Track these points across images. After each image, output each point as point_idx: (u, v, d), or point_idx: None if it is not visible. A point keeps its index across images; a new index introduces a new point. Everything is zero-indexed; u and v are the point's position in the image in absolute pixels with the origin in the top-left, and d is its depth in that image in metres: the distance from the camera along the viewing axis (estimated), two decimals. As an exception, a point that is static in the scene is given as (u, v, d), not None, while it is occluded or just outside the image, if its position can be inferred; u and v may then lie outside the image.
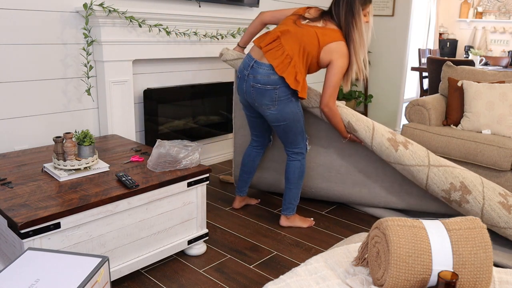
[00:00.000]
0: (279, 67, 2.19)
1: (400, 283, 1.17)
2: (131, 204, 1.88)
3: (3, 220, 1.66)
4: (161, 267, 2.15)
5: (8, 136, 2.44)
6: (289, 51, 2.20)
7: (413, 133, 3.27)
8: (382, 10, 4.64)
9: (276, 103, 2.25)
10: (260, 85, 2.24)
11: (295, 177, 2.51)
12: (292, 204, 2.58)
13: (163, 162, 2.09)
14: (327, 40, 2.21)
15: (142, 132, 3.08)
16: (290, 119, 2.32)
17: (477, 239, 1.20)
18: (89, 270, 1.26)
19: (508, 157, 2.85)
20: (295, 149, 2.48)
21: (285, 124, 2.34)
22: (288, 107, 2.28)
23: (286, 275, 1.31)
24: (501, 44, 7.62)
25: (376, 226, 1.28)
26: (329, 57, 2.23)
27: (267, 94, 2.24)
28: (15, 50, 2.37)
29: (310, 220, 2.65)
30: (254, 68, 2.24)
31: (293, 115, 2.32)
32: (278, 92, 2.22)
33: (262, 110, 2.32)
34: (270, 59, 2.20)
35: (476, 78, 3.38)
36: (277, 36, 2.23)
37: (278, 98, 2.24)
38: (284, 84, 2.21)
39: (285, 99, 2.25)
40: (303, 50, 2.21)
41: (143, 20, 2.70)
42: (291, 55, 2.20)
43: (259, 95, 2.26)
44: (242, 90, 2.35)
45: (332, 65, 2.24)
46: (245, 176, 2.75)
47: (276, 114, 2.29)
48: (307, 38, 2.21)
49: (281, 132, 2.40)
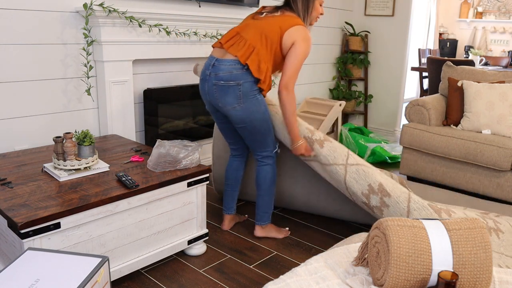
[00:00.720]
0: (243, 56, 2.11)
1: (400, 283, 1.17)
2: (131, 204, 1.88)
3: (3, 220, 1.66)
4: (161, 267, 2.15)
5: (8, 136, 2.44)
6: (251, 41, 2.14)
7: (413, 133, 3.27)
8: (382, 10, 4.64)
9: (241, 101, 2.14)
10: (223, 82, 2.13)
11: (267, 183, 2.38)
12: (266, 213, 2.45)
13: (163, 162, 2.09)
14: (287, 24, 2.16)
15: (142, 132, 3.08)
16: (256, 118, 2.20)
17: (477, 239, 1.20)
18: (89, 270, 1.26)
19: (508, 157, 2.85)
20: (264, 152, 2.35)
21: (252, 125, 2.22)
22: (254, 105, 2.17)
23: (286, 275, 1.31)
24: (501, 44, 7.62)
25: (376, 226, 1.28)
26: (292, 39, 2.14)
27: (231, 91, 2.13)
28: (15, 50, 2.37)
29: (286, 230, 2.54)
30: (216, 66, 2.15)
31: (259, 114, 2.20)
32: (242, 88, 2.12)
33: (226, 110, 2.18)
34: (233, 52, 2.13)
35: (476, 78, 3.38)
36: (237, 32, 2.19)
37: (242, 95, 2.13)
38: (248, 80, 2.12)
39: (251, 96, 2.15)
40: (265, 38, 2.14)
41: (143, 20, 2.70)
42: (254, 44, 2.13)
43: (222, 93, 2.15)
44: (205, 91, 2.23)
45: (295, 47, 2.15)
46: (230, 191, 2.55)
47: (241, 114, 2.17)
48: (268, 26, 2.16)
49: (248, 134, 2.27)
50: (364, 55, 4.77)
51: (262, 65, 2.13)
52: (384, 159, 3.85)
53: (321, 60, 4.64)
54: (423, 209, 2.04)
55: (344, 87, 4.88)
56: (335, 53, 4.83)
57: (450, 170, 3.16)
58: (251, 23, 2.21)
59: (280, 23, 2.16)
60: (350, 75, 4.80)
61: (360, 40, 4.71)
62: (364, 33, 4.79)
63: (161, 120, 3.08)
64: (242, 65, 2.12)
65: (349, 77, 4.83)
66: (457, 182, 3.14)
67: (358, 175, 2.16)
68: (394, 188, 2.11)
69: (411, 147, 3.31)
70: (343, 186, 2.23)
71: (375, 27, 4.73)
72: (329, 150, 2.24)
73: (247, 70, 2.11)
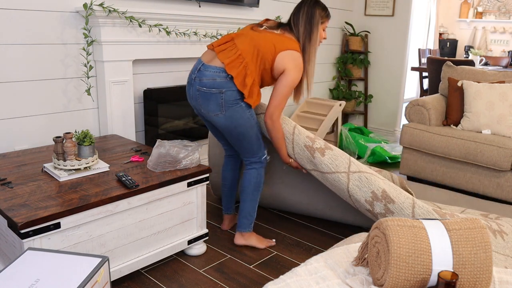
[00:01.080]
0: (230, 65, 2.06)
1: (400, 283, 1.17)
2: (131, 204, 1.88)
3: (3, 220, 1.66)
4: (161, 267, 2.15)
5: (8, 136, 2.44)
6: (242, 51, 2.08)
7: (413, 133, 3.27)
8: (382, 10, 4.64)
9: (223, 109, 2.09)
10: (205, 89, 2.09)
11: (250, 188, 2.31)
12: (247, 219, 2.35)
13: (163, 162, 2.09)
14: (283, 46, 2.10)
15: (142, 132, 3.08)
16: (240, 125, 2.14)
17: (477, 239, 1.20)
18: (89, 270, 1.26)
19: (508, 157, 2.85)
20: (251, 158, 2.29)
21: (237, 132, 2.16)
22: (237, 113, 2.11)
23: (286, 275, 1.31)
24: (501, 44, 7.62)
25: (376, 226, 1.28)
26: (284, 65, 2.10)
27: (213, 99, 2.08)
28: (15, 50, 2.37)
29: (270, 241, 2.42)
30: (201, 71, 2.10)
31: (243, 121, 2.14)
32: (224, 96, 2.07)
33: (210, 117, 2.15)
34: (222, 58, 2.07)
35: (476, 78, 3.38)
36: (232, 38, 2.13)
37: (224, 104, 2.08)
38: (231, 88, 2.07)
39: (233, 104, 2.10)
40: (257, 53, 2.09)
41: (143, 20, 2.70)
42: (244, 56, 2.07)
43: (205, 100, 2.11)
44: (190, 95, 2.19)
45: (285, 74, 2.11)
46: (228, 191, 2.51)
47: (224, 122, 2.13)
48: (263, 41, 2.10)
49: (234, 140, 2.22)
50: (364, 55, 4.77)
51: (248, 79, 2.08)
52: (384, 159, 3.85)
53: (321, 60, 4.64)
54: (428, 214, 2.02)
55: (344, 87, 4.88)
56: (335, 53, 4.83)
57: (450, 170, 3.16)
58: (248, 33, 2.15)
59: (276, 42, 2.11)
60: (350, 75, 4.80)
61: (360, 40, 4.71)
62: (364, 33, 4.79)
63: (161, 120, 3.08)
64: (227, 74, 2.06)
65: (349, 77, 4.83)
66: (457, 182, 3.14)
67: (361, 183, 2.13)
68: (398, 194, 2.09)
69: (411, 147, 3.31)
70: (346, 194, 2.19)
71: (375, 27, 4.73)
72: (331, 158, 2.20)
73: (231, 79, 2.07)
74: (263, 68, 2.13)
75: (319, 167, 2.22)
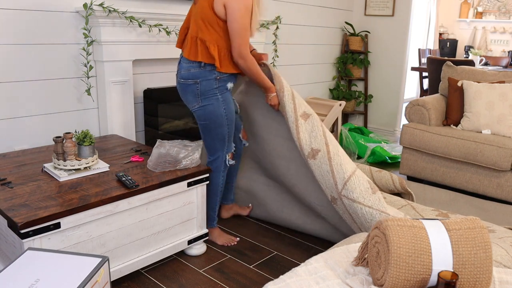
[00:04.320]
0: (190, 54, 2.07)
1: (400, 283, 1.17)
2: (131, 204, 1.88)
3: (3, 220, 1.66)
4: (161, 267, 2.15)
5: (8, 136, 2.44)
6: (192, 32, 2.09)
7: (413, 133, 3.27)
8: (382, 10, 4.64)
9: (199, 100, 2.11)
10: (182, 80, 2.12)
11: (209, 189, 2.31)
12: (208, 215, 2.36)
13: (163, 162, 2.09)
14: None
15: (142, 132, 3.08)
16: (212, 118, 2.15)
17: (477, 239, 1.20)
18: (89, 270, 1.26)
19: (508, 157, 2.85)
20: (211, 156, 2.28)
21: (205, 124, 2.18)
22: (212, 106, 2.12)
23: (286, 275, 1.31)
24: (501, 44, 7.62)
25: (376, 226, 1.28)
26: (221, 3, 1.99)
27: (189, 90, 2.12)
28: (15, 50, 2.37)
29: (232, 239, 2.41)
30: (180, 64, 2.15)
31: (216, 116, 2.14)
32: (199, 86, 2.09)
33: (191, 108, 2.18)
34: (184, 54, 2.12)
35: (476, 78, 3.38)
36: (184, 28, 2.18)
37: (200, 94, 2.10)
38: (206, 77, 2.08)
39: (210, 95, 2.10)
40: (202, 22, 2.05)
41: (143, 20, 2.70)
42: (195, 35, 2.07)
43: (183, 91, 2.15)
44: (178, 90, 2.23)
45: (228, 10, 1.99)
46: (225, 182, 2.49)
47: (200, 112, 2.15)
48: (200, 8, 2.06)
49: (200, 132, 2.24)
50: (364, 55, 4.77)
51: (212, 49, 2.04)
52: (384, 159, 3.85)
53: (321, 60, 4.64)
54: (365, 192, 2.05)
55: (344, 87, 4.88)
56: (335, 53, 4.83)
57: (450, 170, 3.16)
58: (191, 12, 2.15)
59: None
60: (350, 75, 4.80)
61: (360, 40, 4.71)
62: (364, 33, 4.79)
63: (161, 120, 3.08)
64: (199, 63, 2.07)
65: (349, 77, 4.83)
66: (457, 182, 3.14)
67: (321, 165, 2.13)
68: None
69: (411, 147, 3.31)
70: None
71: (375, 27, 4.73)
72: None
73: (204, 67, 2.07)
74: (218, 27, 2.05)
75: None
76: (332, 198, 2.13)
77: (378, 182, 2.80)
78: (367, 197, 2.03)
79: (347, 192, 2.05)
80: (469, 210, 2.81)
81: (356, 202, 2.03)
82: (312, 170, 2.16)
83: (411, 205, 2.46)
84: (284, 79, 2.30)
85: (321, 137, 2.16)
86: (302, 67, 4.41)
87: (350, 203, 2.05)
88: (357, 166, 2.27)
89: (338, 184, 2.07)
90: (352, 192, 2.04)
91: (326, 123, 4.04)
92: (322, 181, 2.14)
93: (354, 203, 2.04)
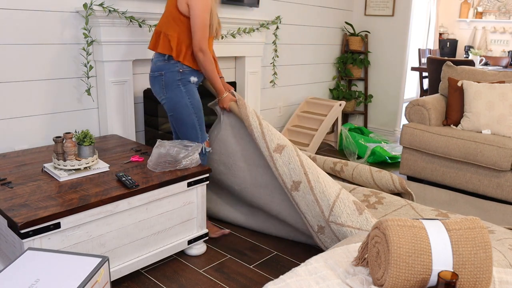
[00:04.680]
0: (155, 47, 2.26)
1: (400, 283, 1.17)
2: (131, 204, 1.88)
3: (3, 220, 1.66)
4: (161, 267, 2.15)
5: (8, 136, 2.44)
6: (157, 27, 2.27)
7: (413, 133, 3.27)
8: (382, 10, 4.64)
9: (164, 91, 2.26)
10: (151, 73, 2.29)
11: None
12: None
13: (163, 162, 2.09)
14: None
15: (142, 132, 3.08)
16: (177, 109, 2.27)
17: (477, 239, 1.20)
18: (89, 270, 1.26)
19: (508, 157, 2.85)
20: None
21: (174, 116, 2.30)
22: (176, 96, 2.25)
23: (286, 275, 1.31)
24: (501, 44, 7.62)
25: (376, 226, 1.28)
26: (185, 1, 2.16)
27: (156, 82, 2.27)
28: (15, 50, 2.37)
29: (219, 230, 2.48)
30: (152, 59, 2.33)
31: (181, 106, 2.27)
32: (164, 78, 2.24)
33: (160, 100, 2.33)
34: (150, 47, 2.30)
35: (476, 78, 3.38)
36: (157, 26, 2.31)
37: (165, 85, 2.25)
38: (169, 70, 2.22)
39: (174, 86, 2.24)
40: (167, 17, 2.22)
41: (143, 20, 2.70)
42: (160, 30, 2.25)
43: (152, 83, 2.30)
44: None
45: (190, 8, 2.15)
46: None
47: (166, 103, 2.28)
48: (168, 6, 2.24)
49: (173, 123, 2.35)
50: (364, 55, 4.77)
51: (172, 42, 2.20)
52: (384, 159, 3.85)
53: (321, 60, 4.64)
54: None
55: (344, 87, 4.88)
56: (335, 53, 4.83)
57: (450, 170, 3.16)
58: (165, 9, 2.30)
59: None
60: (350, 75, 4.80)
61: (360, 40, 4.71)
62: (364, 33, 4.79)
63: (161, 120, 3.07)
64: (163, 56, 2.23)
65: (349, 77, 4.83)
66: (457, 182, 3.14)
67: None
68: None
69: (411, 147, 3.31)
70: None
71: (375, 27, 4.73)
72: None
73: (168, 60, 2.22)
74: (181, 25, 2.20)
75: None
76: (319, 228, 2.12)
77: (378, 182, 2.80)
78: (355, 219, 2.03)
79: (334, 217, 2.05)
80: (469, 210, 2.81)
81: (345, 226, 2.03)
82: (297, 202, 2.15)
83: (410, 205, 2.46)
84: (252, 114, 2.30)
85: (299, 168, 2.15)
86: (302, 67, 4.41)
87: (339, 228, 2.04)
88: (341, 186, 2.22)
89: (324, 211, 2.07)
90: (339, 216, 2.04)
91: (326, 123, 4.04)
92: (308, 212, 2.13)
93: (343, 227, 2.03)
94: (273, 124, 4.26)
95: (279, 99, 4.24)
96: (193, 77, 2.29)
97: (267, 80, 4.02)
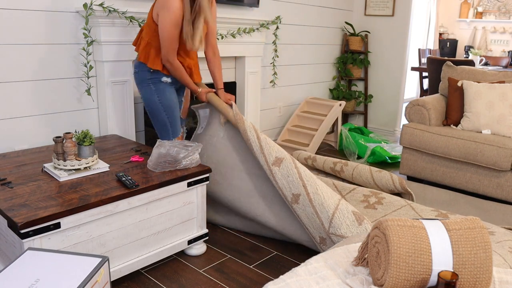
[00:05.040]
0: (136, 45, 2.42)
1: (400, 283, 1.17)
2: (131, 204, 1.88)
3: (3, 220, 1.66)
4: (161, 267, 2.15)
5: (8, 136, 2.44)
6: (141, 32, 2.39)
7: (413, 133, 3.27)
8: (382, 10, 4.64)
9: (138, 87, 2.42)
10: (133, 71, 2.47)
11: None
12: None
13: (163, 162, 2.09)
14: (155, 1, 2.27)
15: (142, 132, 3.08)
16: (148, 106, 2.42)
17: (477, 239, 1.20)
18: (89, 270, 1.26)
19: (508, 157, 2.85)
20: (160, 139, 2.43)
21: (148, 110, 2.45)
22: (147, 94, 2.39)
23: (286, 275, 1.31)
24: (501, 44, 7.62)
25: (376, 226, 1.28)
26: (156, 12, 2.24)
27: (134, 79, 2.44)
28: (15, 50, 2.37)
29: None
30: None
31: (151, 103, 2.40)
32: (137, 76, 2.40)
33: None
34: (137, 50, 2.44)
35: (476, 78, 3.38)
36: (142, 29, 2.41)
37: (138, 83, 2.41)
38: (141, 69, 2.36)
39: (145, 84, 2.38)
40: (147, 25, 2.32)
41: (143, 20, 2.70)
42: (141, 29, 2.38)
43: (134, 80, 2.45)
44: None
45: (159, 21, 2.23)
46: None
47: (143, 99, 2.43)
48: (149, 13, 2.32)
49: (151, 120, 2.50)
50: (364, 55, 4.77)
51: (141, 44, 2.35)
52: (384, 159, 3.85)
53: (321, 60, 4.64)
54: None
55: (344, 87, 4.88)
56: (335, 53, 4.83)
57: (450, 170, 3.16)
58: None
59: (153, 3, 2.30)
60: (350, 75, 4.80)
61: (360, 40, 4.71)
62: (364, 33, 4.79)
63: (161, 120, 3.07)
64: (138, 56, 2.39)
65: (349, 77, 4.83)
66: (457, 182, 3.14)
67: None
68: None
69: (411, 147, 3.31)
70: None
71: (375, 27, 4.73)
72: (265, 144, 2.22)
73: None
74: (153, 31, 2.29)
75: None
76: (321, 239, 2.12)
77: (378, 182, 2.80)
78: (354, 230, 2.03)
79: (334, 229, 2.05)
80: (469, 210, 2.81)
81: (345, 237, 2.02)
82: (298, 214, 2.15)
83: (410, 206, 2.46)
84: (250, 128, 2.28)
85: (298, 180, 2.14)
86: (302, 67, 4.41)
87: (340, 239, 2.03)
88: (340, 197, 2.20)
89: (324, 223, 2.07)
90: (339, 228, 2.04)
91: (326, 123, 4.04)
92: (309, 224, 2.13)
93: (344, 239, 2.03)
94: (273, 124, 4.26)
95: (279, 99, 4.24)
96: (165, 77, 2.39)
97: (267, 80, 4.02)
